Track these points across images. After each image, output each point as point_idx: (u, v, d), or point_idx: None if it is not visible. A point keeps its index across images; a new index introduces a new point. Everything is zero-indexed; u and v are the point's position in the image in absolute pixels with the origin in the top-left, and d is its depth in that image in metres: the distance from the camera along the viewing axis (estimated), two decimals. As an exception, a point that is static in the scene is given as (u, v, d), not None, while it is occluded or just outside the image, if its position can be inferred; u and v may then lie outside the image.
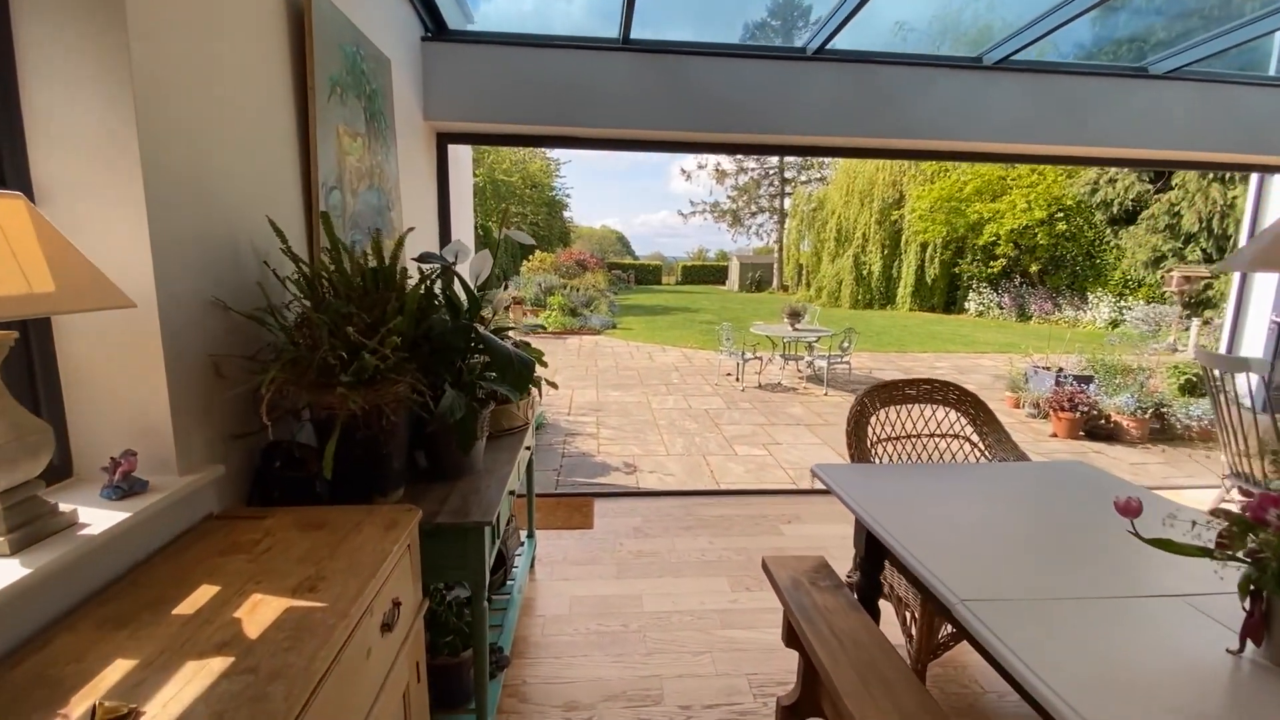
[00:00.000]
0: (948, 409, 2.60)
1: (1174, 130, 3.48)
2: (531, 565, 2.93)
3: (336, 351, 1.41)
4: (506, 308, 2.64)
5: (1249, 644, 1.15)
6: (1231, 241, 12.82)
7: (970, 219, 19.07)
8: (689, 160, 35.50)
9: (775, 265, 31.60)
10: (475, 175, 19.61)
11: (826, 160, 31.50)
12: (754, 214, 35.38)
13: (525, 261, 19.32)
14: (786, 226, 29.96)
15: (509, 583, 2.48)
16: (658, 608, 2.63)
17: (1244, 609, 1.15)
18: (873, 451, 2.48)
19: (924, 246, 20.49)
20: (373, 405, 1.46)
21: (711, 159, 34.43)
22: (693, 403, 7.00)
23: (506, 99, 3.10)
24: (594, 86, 3.13)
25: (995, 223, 18.39)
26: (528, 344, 2.37)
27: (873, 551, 1.85)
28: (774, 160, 33.59)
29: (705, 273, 40.03)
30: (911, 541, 1.47)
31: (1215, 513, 1.24)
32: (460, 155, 3.76)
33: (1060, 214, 17.47)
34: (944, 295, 20.78)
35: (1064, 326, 16.69)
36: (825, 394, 7.59)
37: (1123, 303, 16.05)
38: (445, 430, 1.62)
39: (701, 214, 36.68)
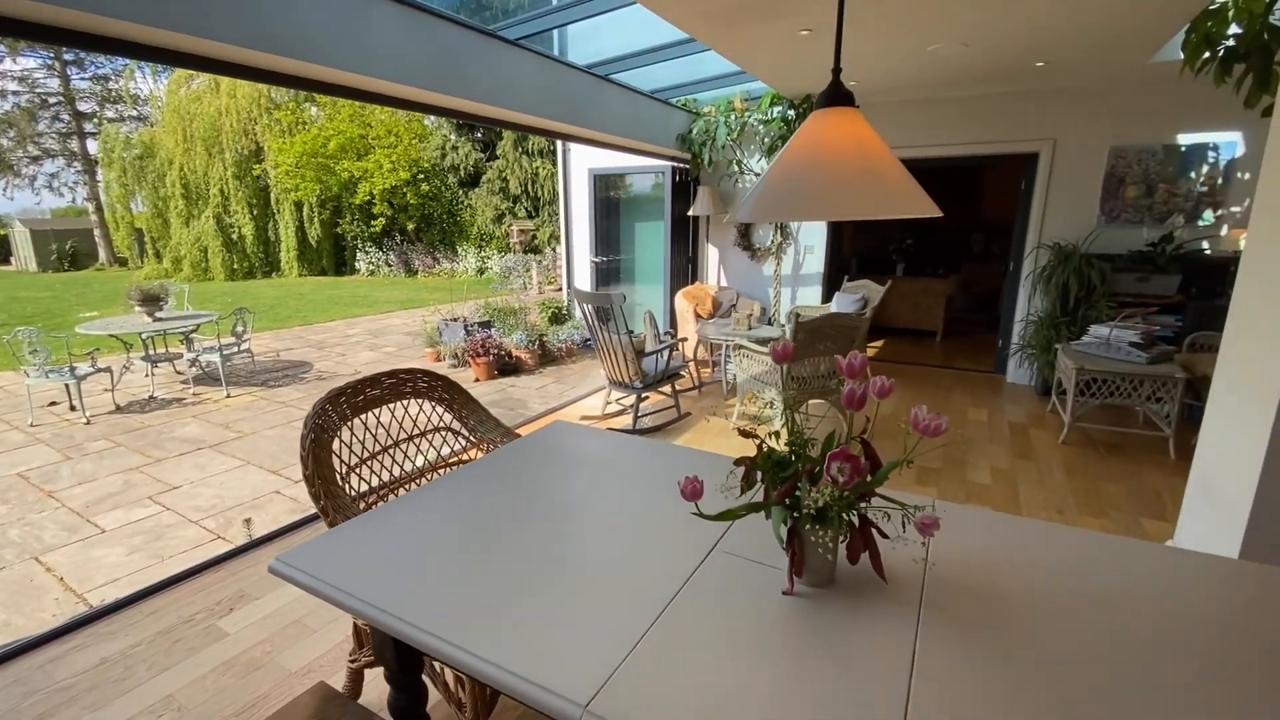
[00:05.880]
0: (421, 401, 2.16)
1: (524, 97, 3.87)
2: None
3: None
4: None
5: (797, 581, 1.21)
6: (541, 200, 16.96)
7: (342, 178, 18.65)
8: None
9: (98, 231, 23.24)
10: None
11: (140, 92, 24.59)
12: (37, 158, 24.64)
13: None
14: (102, 179, 22.12)
15: None
16: None
17: (785, 550, 1.20)
18: (349, 484, 1.80)
19: (299, 206, 18.92)
20: None
21: (-87, 65, 21.59)
22: (-14, 468, 4.21)
23: None
24: None
25: (367, 181, 18.58)
26: None
27: (408, 658, 1.26)
28: (54, 84, 23.82)
29: (-42, 249, 25.81)
30: (465, 633, 0.98)
31: (739, 461, 1.21)
32: None
33: (421, 175, 19.11)
34: (332, 257, 20.02)
35: (445, 278, 18.79)
36: (228, 396, 5.95)
37: (483, 254, 19.25)
38: None
39: (-81, 155, 22.93)
